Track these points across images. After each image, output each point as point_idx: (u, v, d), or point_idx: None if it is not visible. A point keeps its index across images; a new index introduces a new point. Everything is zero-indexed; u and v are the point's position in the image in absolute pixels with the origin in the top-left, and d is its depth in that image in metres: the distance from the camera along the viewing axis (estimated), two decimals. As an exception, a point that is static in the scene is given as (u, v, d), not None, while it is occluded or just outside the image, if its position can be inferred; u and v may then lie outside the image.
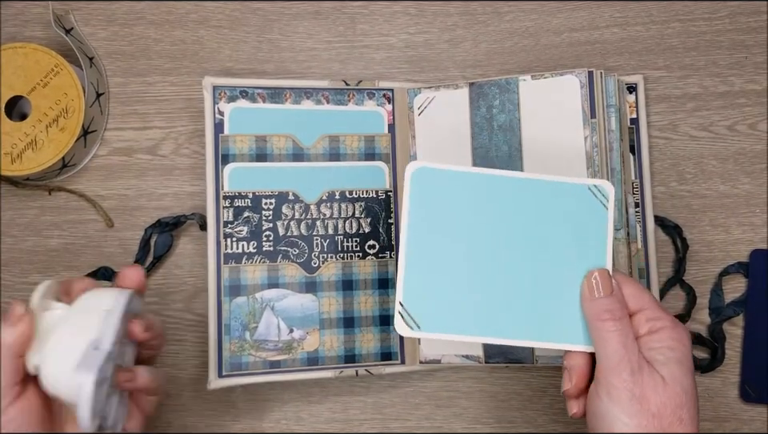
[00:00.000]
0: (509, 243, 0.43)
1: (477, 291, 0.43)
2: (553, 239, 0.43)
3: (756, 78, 0.60)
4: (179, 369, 0.59)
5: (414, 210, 0.43)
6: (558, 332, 0.42)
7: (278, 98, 0.58)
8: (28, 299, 0.42)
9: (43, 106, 0.58)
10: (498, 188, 0.43)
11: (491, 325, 0.42)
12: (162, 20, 0.62)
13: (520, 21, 0.62)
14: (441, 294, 0.42)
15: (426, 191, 0.43)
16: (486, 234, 0.43)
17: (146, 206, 0.61)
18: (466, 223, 0.43)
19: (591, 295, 0.42)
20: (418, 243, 0.43)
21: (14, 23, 0.62)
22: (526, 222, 0.43)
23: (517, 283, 0.43)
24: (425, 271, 0.42)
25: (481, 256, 0.43)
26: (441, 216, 0.43)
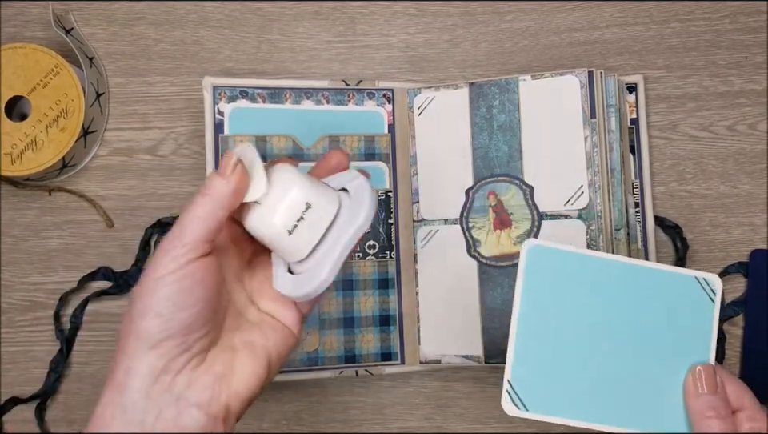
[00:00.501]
0: (618, 328, 0.43)
1: (585, 374, 0.43)
2: (660, 327, 0.43)
3: (756, 78, 0.60)
4: (179, 369, 0.59)
5: (528, 288, 0.43)
6: (661, 421, 0.43)
7: (278, 98, 0.58)
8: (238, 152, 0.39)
9: (43, 107, 0.58)
10: (609, 272, 0.43)
11: (598, 410, 0.42)
12: (162, 20, 0.62)
13: (520, 21, 0.62)
14: (548, 375, 0.42)
15: (540, 269, 0.43)
16: (595, 317, 0.43)
17: (146, 207, 0.61)
18: (578, 306, 0.43)
19: (695, 390, 0.42)
20: (529, 321, 0.42)
21: (14, 23, 0.62)
22: (636, 308, 0.43)
23: (624, 370, 0.43)
24: (534, 351, 0.42)
25: (590, 340, 0.43)
26: (554, 296, 0.43)
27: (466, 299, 0.56)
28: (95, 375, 0.59)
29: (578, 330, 0.43)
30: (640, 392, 0.43)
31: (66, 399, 0.59)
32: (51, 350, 0.59)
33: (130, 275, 0.59)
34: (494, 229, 0.56)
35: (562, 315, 0.43)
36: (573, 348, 0.43)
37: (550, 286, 0.43)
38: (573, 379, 0.42)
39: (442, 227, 0.57)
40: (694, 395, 0.42)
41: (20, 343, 0.59)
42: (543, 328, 0.42)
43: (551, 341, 0.42)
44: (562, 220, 0.54)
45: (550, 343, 0.42)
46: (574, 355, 0.43)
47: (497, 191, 0.56)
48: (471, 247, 0.56)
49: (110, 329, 0.60)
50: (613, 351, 0.43)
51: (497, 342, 0.55)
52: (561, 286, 0.43)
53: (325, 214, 0.39)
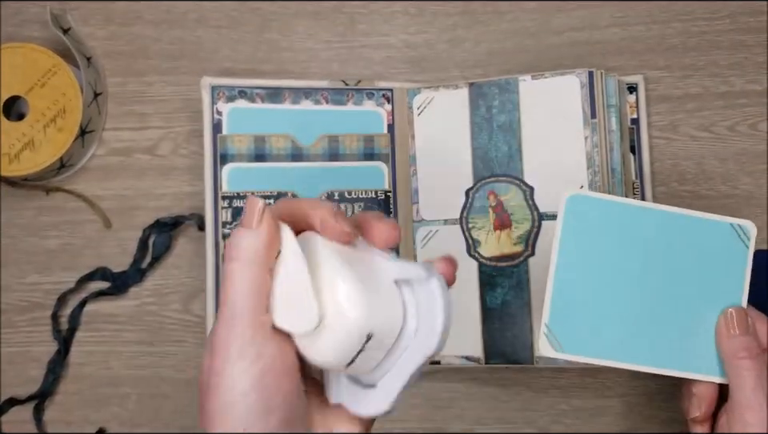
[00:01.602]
0: (652, 273, 0.44)
1: (619, 318, 0.44)
2: (694, 272, 0.44)
3: (757, 78, 0.60)
4: (178, 370, 0.59)
5: (566, 236, 0.44)
6: (693, 363, 0.44)
7: (276, 97, 0.58)
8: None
9: (41, 106, 0.58)
10: (647, 220, 0.44)
11: (631, 352, 0.44)
12: (161, 19, 0.62)
13: (520, 21, 0.62)
14: (585, 318, 0.44)
15: (578, 218, 0.44)
16: (631, 263, 0.44)
17: (144, 207, 0.60)
18: (614, 252, 0.44)
19: (728, 332, 0.43)
20: (567, 267, 0.44)
21: (12, 23, 0.62)
22: (670, 254, 0.44)
23: (657, 313, 0.44)
24: (571, 296, 0.44)
25: (625, 285, 0.44)
26: (590, 243, 0.44)
27: (465, 300, 0.56)
28: (93, 375, 0.59)
29: (614, 276, 0.44)
30: (675, 335, 0.44)
31: (64, 400, 0.59)
32: (49, 350, 0.59)
33: (128, 275, 0.59)
34: (494, 229, 0.56)
35: (599, 262, 0.44)
36: (608, 293, 0.44)
37: (587, 233, 0.44)
38: (608, 322, 0.44)
39: (442, 227, 0.57)
40: (726, 337, 0.43)
41: (18, 344, 0.59)
42: (580, 274, 0.44)
43: (587, 286, 0.44)
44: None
45: (586, 288, 0.44)
46: (609, 299, 0.44)
47: (497, 192, 0.56)
48: (471, 248, 0.56)
49: (108, 330, 0.59)
50: (648, 296, 0.44)
51: (497, 343, 0.55)
52: (598, 233, 0.44)
53: (389, 336, 0.32)
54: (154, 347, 0.59)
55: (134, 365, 0.59)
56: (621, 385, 0.58)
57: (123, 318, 0.59)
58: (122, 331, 0.59)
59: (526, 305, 0.54)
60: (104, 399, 0.59)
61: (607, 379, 0.58)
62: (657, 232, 0.44)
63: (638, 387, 0.58)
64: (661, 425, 0.58)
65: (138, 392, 0.59)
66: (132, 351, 0.59)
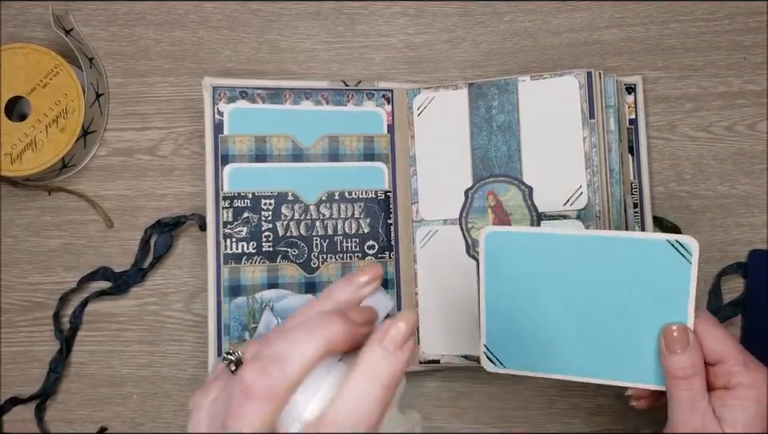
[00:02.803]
0: (581, 292, 0.45)
1: (550, 334, 0.46)
2: (633, 289, 0.44)
3: (755, 78, 0.61)
4: (179, 369, 0.59)
5: (490, 266, 0.47)
6: (632, 373, 0.45)
7: (277, 98, 0.58)
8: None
9: (43, 107, 0.58)
10: (566, 245, 0.45)
11: (569, 365, 0.46)
12: (162, 20, 0.63)
13: (519, 21, 0.62)
14: (518, 337, 0.47)
15: (499, 250, 0.47)
16: (557, 285, 0.46)
17: (145, 207, 0.61)
18: (538, 276, 0.46)
19: (667, 350, 0.43)
20: (495, 294, 0.47)
21: (14, 24, 0.62)
22: (604, 274, 0.45)
23: (591, 328, 0.45)
24: (502, 318, 0.47)
25: (553, 304, 0.46)
26: (514, 269, 0.46)
27: (465, 300, 0.56)
28: (95, 375, 0.59)
29: (541, 297, 0.46)
30: (616, 348, 0.45)
31: (66, 399, 0.59)
32: (51, 350, 0.59)
33: (130, 275, 0.59)
34: (493, 229, 0.56)
35: (525, 286, 0.46)
36: (537, 313, 0.46)
37: (509, 261, 0.46)
38: (539, 338, 0.46)
39: (441, 227, 0.57)
40: (665, 356, 0.43)
41: (20, 344, 0.60)
42: (509, 298, 0.47)
43: (517, 308, 0.47)
44: (561, 220, 0.54)
45: (516, 310, 0.47)
46: (539, 318, 0.46)
47: (496, 192, 0.56)
48: (470, 248, 0.56)
49: (110, 329, 0.60)
50: (579, 312, 0.45)
51: (496, 342, 0.55)
52: (519, 260, 0.46)
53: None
54: (156, 346, 0.59)
55: (135, 364, 0.59)
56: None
57: (125, 317, 0.60)
58: (123, 330, 0.60)
59: (525, 304, 0.54)
60: (105, 398, 0.59)
61: (606, 379, 0.58)
62: (581, 255, 0.45)
63: (637, 386, 0.58)
64: (660, 425, 0.58)
65: (140, 392, 0.59)
66: (133, 350, 0.59)
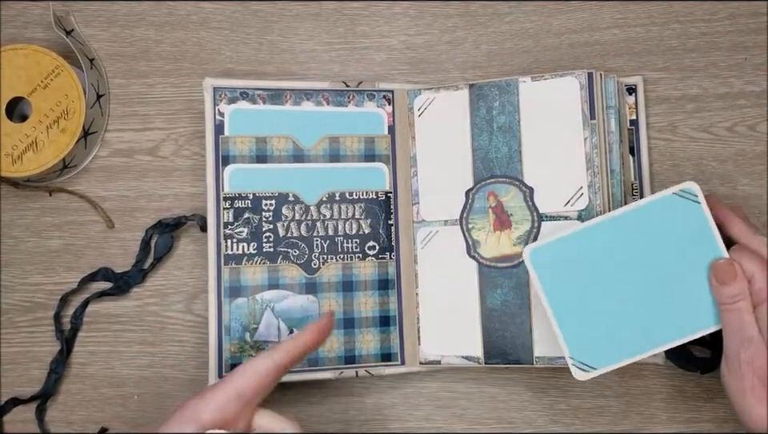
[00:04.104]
0: (633, 268, 0.48)
1: (624, 318, 0.49)
2: (666, 248, 0.48)
3: (755, 79, 0.61)
4: (179, 370, 0.59)
5: (545, 282, 0.49)
6: (696, 324, 0.48)
7: (278, 99, 0.58)
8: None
9: (44, 108, 0.58)
10: (603, 232, 0.49)
11: (648, 340, 0.48)
12: (163, 21, 0.63)
13: (520, 22, 0.62)
14: (596, 335, 0.49)
15: (545, 264, 0.49)
16: (610, 271, 0.49)
17: (146, 208, 0.61)
18: (590, 272, 0.49)
19: (719, 282, 0.47)
20: (559, 304, 0.49)
21: (15, 24, 0.62)
22: (639, 247, 0.48)
23: (652, 299, 0.48)
24: (575, 324, 0.49)
25: (613, 290, 0.49)
26: (567, 275, 0.49)
27: (465, 300, 0.56)
28: (95, 375, 0.59)
29: (600, 289, 0.49)
30: (675, 309, 0.48)
31: (66, 400, 0.59)
32: (51, 350, 0.59)
33: (130, 275, 0.59)
34: (494, 230, 0.56)
35: (582, 286, 0.49)
36: (603, 304, 0.49)
37: (559, 270, 0.49)
38: (614, 327, 0.48)
39: (442, 228, 0.57)
40: (716, 288, 0.47)
41: (20, 344, 0.60)
42: (572, 302, 0.49)
43: (583, 308, 0.49)
44: (562, 221, 0.54)
45: (583, 311, 0.49)
46: (606, 308, 0.49)
47: (497, 192, 0.56)
48: (471, 248, 0.56)
49: (110, 330, 0.60)
50: (640, 287, 0.48)
51: (497, 343, 0.55)
52: (567, 265, 0.49)
53: None
54: (156, 347, 0.59)
55: (136, 365, 0.59)
56: (620, 385, 0.58)
57: (125, 318, 0.60)
58: (124, 331, 0.60)
59: (526, 305, 0.54)
60: (106, 399, 0.59)
61: (606, 379, 0.58)
62: (616, 236, 0.48)
63: (638, 387, 0.58)
64: (660, 425, 0.58)
65: (140, 392, 0.59)
66: (134, 351, 0.59)
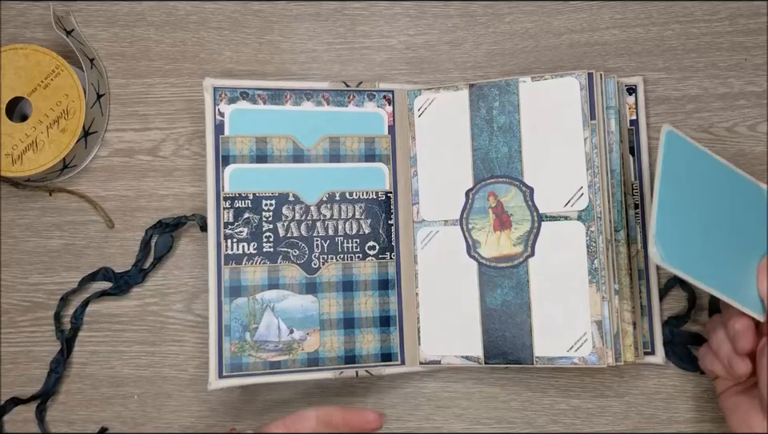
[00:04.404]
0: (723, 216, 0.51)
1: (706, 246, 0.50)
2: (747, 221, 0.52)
3: (755, 79, 0.61)
4: (179, 370, 0.59)
5: (666, 165, 0.49)
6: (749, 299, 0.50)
7: (278, 99, 0.58)
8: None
9: (44, 108, 0.58)
10: (717, 170, 0.52)
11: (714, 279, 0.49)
12: (163, 21, 0.63)
13: (520, 22, 0.62)
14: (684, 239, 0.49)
15: (675, 153, 0.50)
16: (710, 203, 0.51)
17: (146, 207, 0.61)
18: (698, 190, 0.50)
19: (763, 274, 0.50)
20: (667, 191, 0.49)
21: (15, 24, 0.62)
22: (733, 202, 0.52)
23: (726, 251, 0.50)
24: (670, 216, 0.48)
25: (706, 220, 0.50)
26: (683, 178, 0.50)
27: (465, 300, 0.56)
28: (95, 375, 0.59)
29: (700, 211, 0.50)
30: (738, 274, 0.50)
31: (67, 400, 0.59)
32: (51, 350, 0.59)
33: (131, 275, 0.59)
34: (494, 230, 0.56)
35: (689, 196, 0.50)
36: (695, 221, 0.50)
37: (681, 169, 0.50)
38: (699, 248, 0.49)
39: (442, 228, 0.57)
40: (761, 280, 0.50)
41: (20, 344, 0.60)
42: (676, 204, 0.49)
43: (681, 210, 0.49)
44: (562, 221, 0.54)
45: (681, 212, 0.49)
46: (696, 226, 0.50)
47: (497, 192, 0.56)
48: (471, 248, 0.56)
49: (111, 330, 0.60)
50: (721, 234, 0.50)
51: (497, 343, 0.55)
52: (689, 171, 0.50)
53: None
54: (156, 347, 0.59)
55: (136, 365, 0.59)
56: (620, 385, 0.58)
57: (125, 318, 0.60)
58: (124, 331, 0.60)
59: (526, 305, 0.54)
60: (106, 398, 0.59)
61: (606, 379, 0.59)
62: (723, 181, 0.52)
63: (638, 386, 0.58)
64: (660, 425, 0.58)
65: (140, 392, 0.59)
66: (134, 350, 0.60)
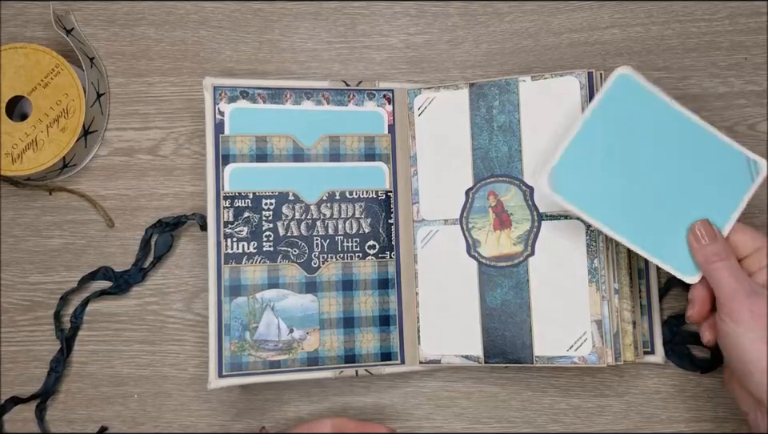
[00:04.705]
0: (662, 167, 0.49)
1: (617, 191, 0.49)
2: (698, 182, 0.49)
3: (755, 79, 0.61)
4: (179, 369, 0.59)
5: (603, 103, 0.49)
6: (675, 259, 0.49)
7: (278, 98, 0.58)
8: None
9: (44, 107, 0.58)
10: (674, 120, 0.50)
11: (617, 223, 0.48)
12: (163, 20, 0.63)
13: (520, 21, 0.62)
14: (588, 178, 0.48)
15: (619, 94, 0.49)
16: (646, 151, 0.49)
17: (146, 207, 0.61)
18: (635, 135, 0.49)
19: (698, 243, 0.48)
20: (591, 130, 0.49)
21: (15, 23, 0.62)
22: (683, 158, 0.49)
23: (651, 202, 0.49)
24: (584, 153, 0.49)
25: (633, 166, 0.49)
26: (620, 119, 0.49)
27: (465, 300, 0.56)
28: (95, 374, 0.59)
29: (627, 155, 0.49)
30: (666, 230, 0.49)
31: (66, 399, 0.59)
32: (51, 349, 0.59)
33: (131, 274, 0.59)
34: (494, 229, 0.56)
35: (620, 138, 0.49)
36: (616, 167, 0.49)
37: (620, 109, 0.49)
38: (609, 191, 0.48)
39: (442, 227, 0.57)
40: (697, 248, 0.48)
41: (20, 343, 0.60)
42: (599, 141, 0.49)
43: (601, 153, 0.49)
44: (562, 220, 0.54)
45: (599, 155, 0.49)
46: (617, 173, 0.49)
47: (497, 192, 0.56)
48: (471, 248, 0.56)
49: (111, 329, 0.60)
50: (650, 184, 0.49)
51: (497, 342, 0.55)
52: (630, 114, 0.49)
53: None
54: (156, 346, 0.59)
55: (136, 364, 0.59)
56: (620, 385, 0.58)
57: (125, 317, 0.60)
58: (124, 330, 0.60)
59: (526, 305, 0.54)
60: (106, 398, 0.59)
61: (606, 379, 0.59)
62: (680, 134, 0.49)
63: (638, 386, 0.58)
64: (660, 425, 0.58)
65: (140, 391, 0.59)
66: (134, 350, 0.60)
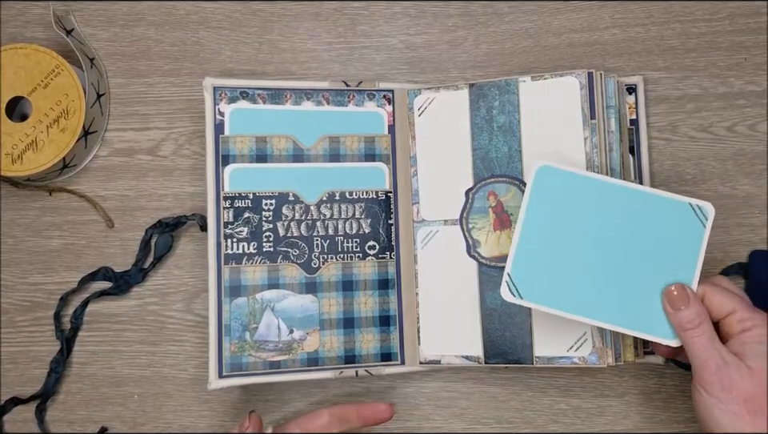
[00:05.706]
0: (613, 241, 0.49)
1: (577, 277, 0.48)
2: (653, 245, 0.48)
3: (755, 79, 0.61)
4: (179, 369, 0.59)
5: (533, 199, 0.49)
6: (647, 325, 0.48)
7: (278, 99, 0.58)
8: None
9: (44, 107, 0.58)
10: (610, 194, 0.49)
11: (587, 308, 0.48)
12: (163, 21, 0.63)
13: (520, 22, 0.62)
14: (545, 273, 0.49)
15: (546, 186, 0.49)
16: (593, 230, 0.49)
17: (146, 207, 0.61)
18: (578, 218, 0.49)
19: (672, 308, 0.47)
20: (532, 228, 0.49)
21: (15, 24, 0.62)
22: (630, 226, 0.49)
23: (615, 277, 0.48)
24: (534, 252, 0.49)
25: (586, 248, 0.49)
26: (556, 208, 0.49)
27: (465, 300, 0.56)
28: (95, 375, 0.59)
29: (576, 239, 0.49)
30: (632, 299, 0.48)
31: (66, 400, 0.59)
32: (51, 350, 0.59)
33: (131, 275, 0.59)
34: (494, 230, 0.56)
35: (563, 225, 0.49)
36: (569, 254, 0.49)
37: (553, 200, 0.49)
38: (567, 279, 0.48)
39: (442, 227, 0.57)
40: (671, 314, 0.47)
41: (20, 344, 0.60)
42: (545, 234, 0.49)
43: (550, 245, 0.49)
44: (562, 221, 0.54)
45: (549, 247, 0.49)
46: (570, 259, 0.49)
47: (497, 192, 0.56)
48: (471, 248, 0.56)
49: (111, 329, 0.60)
50: (608, 260, 0.48)
51: (497, 342, 0.55)
52: (563, 201, 0.49)
53: None
54: (156, 346, 0.59)
55: (136, 365, 0.59)
56: (620, 385, 0.58)
57: (125, 318, 0.60)
58: (124, 330, 0.60)
59: (526, 305, 0.54)
60: (106, 398, 0.59)
61: (606, 379, 0.59)
62: (620, 205, 0.49)
63: (638, 386, 0.58)
64: (660, 425, 0.58)
65: (140, 392, 0.59)
66: (134, 350, 0.60)
